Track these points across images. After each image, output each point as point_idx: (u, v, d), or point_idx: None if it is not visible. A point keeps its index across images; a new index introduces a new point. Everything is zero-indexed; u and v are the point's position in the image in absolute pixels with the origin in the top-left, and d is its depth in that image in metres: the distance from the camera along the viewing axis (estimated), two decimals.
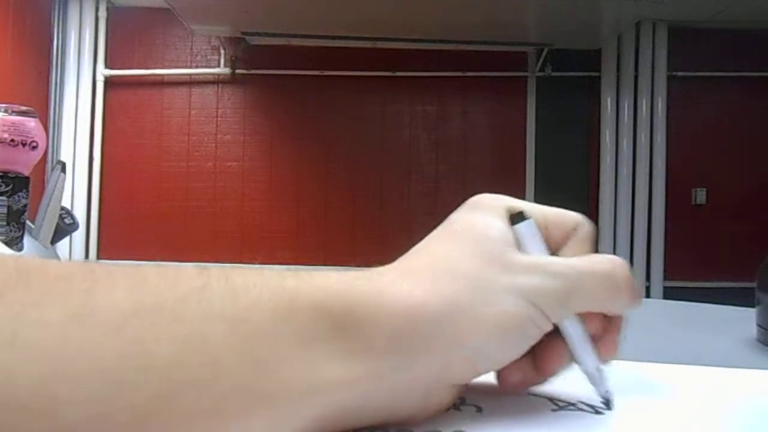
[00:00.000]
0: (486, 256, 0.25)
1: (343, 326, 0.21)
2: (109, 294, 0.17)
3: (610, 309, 0.27)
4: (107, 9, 3.55)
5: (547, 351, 0.26)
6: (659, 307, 0.69)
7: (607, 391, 0.27)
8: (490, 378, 0.29)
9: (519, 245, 0.26)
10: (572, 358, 0.27)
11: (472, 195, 0.29)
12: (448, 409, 0.25)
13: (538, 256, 0.26)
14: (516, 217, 0.26)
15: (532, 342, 0.25)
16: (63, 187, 0.61)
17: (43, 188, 0.61)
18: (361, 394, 0.21)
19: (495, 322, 0.24)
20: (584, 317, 0.26)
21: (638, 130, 3.52)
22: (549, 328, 0.25)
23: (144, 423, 0.16)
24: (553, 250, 0.27)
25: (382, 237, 3.53)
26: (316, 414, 0.20)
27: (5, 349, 0.15)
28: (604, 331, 0.27)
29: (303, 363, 0.20)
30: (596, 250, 0.28)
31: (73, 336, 0.16)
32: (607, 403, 0.26)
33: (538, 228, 0.27)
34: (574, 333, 0.26)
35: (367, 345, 0.21)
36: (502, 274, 0.25)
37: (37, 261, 0.18)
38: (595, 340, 0.27)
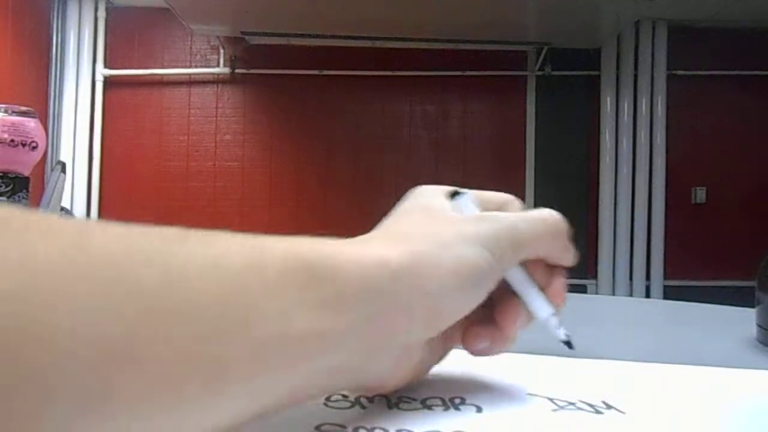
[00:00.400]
0: (436, 218, 0.28)
1: (314, 277, 0.21)
2: (98, 237, 0.17)
3: (554, 253, 0.29)
4: (106, 9, 3.55)
5: (504, 309, 0.28)
6: (659, 307, 0.69)
7: (566, 334, 0.28)
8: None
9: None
10: (529, 313, 0.28)
11: None
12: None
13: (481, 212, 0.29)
14: (454, 195, 0.29)
15: (489, 288, 0.27)
16: (63, 187, 0.61)
17: (43, 188, 0.61)
18: (333, 349, 0.21)
19: (452, 267, 0.25)
20: (529, 267, 0.28)
21: (638, 130, 3.52)
22: (501, 274, 0.27)
23: (131, 340, 0.16)
24: None
25: None
26: (281, 367, 0.20)
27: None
28: (550, 279, 0.29)
29: (274, 312, 0.19)
30: None
31: (65, 268, 0.15)
32: (569, 344, 0.28)
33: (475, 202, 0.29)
34: (522, 281, 0.28)
35: (338, 295, 0.21)
36: (453, 227, 0.27)
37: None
38: (543, 289, 0.28)
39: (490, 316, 0.28)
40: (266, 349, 0.19)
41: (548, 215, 0.29)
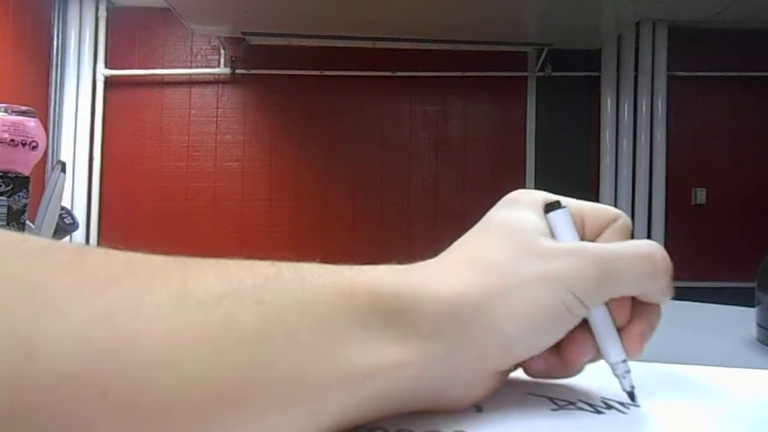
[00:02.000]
0: (520, 245, 0.26)
1: (395, 312, 0.23)
2: (201, 280, 0.20)
3: (648, 292, 0.27)
4: (107, 9, 3.55)
5: (572, 341, 0.26)
6: None
7: (631, 386, 0.26)
8: None
9: (553, 234, 0.26)
10: (598, 350, 0.26)
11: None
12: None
13: (572, 242, 0.26)
14: (551, 206, 0.27)
15: (569, 327, 0.25)
16: (63, 187, 0.61)
17: (43, 188, 0.62)
18: (409, 377, 0.23)
19: (529, 309, 0.24)
20: (612, 306, 0.26)
21: (638, 130, 3.52)
22: (584, 314, 0.25)
23: (242, 386, 0.19)
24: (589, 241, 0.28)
25: (382, 237, 3.53)
26: (371, 394, 0.22)
27: (131, 319, 0.18)
28: (632, 321, 0.27)
29: (362, 344, 0.22)
30: None
31: (179, 313, 0.19)
32: (632, 396, 0.26)
33: (572, 218, 0.27)
34: (599, 321, 0.26)
35: (416, 330, 0.23)
36: (536, 261, 0.25)
37: (139, 254, 0.21)
38: (621, 329, 0.27)
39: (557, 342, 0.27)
40: (355, 378, 0.21)
41: (649, 252, 0.26)
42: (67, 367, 0.16)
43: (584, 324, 0.26)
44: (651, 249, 0.26)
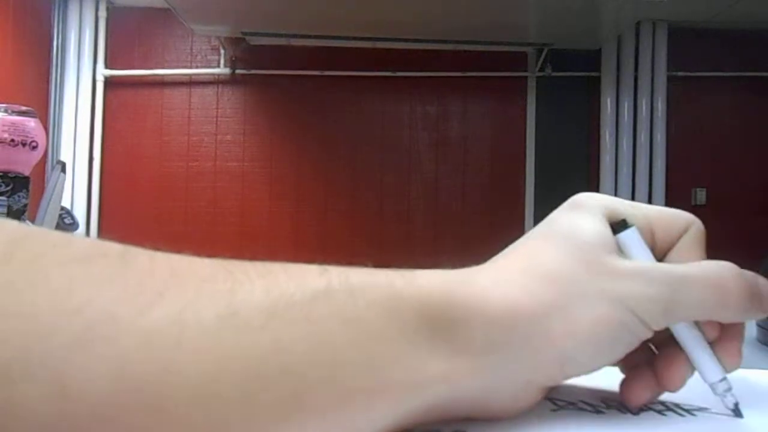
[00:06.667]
0: (584, 259, 0.24)
1: (444, 327, 0.22)
2: (249, 295, 0.19)
3: (719, 318, 0.25)
4: (107, 9, 3.55)
5: (667, 361, 0.25)
6: None
7: (735, 403, 0.25)
8: None
9: (621, 252, 0.25)
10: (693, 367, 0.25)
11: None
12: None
13: (640, 262, 0.25)
14: (618, 226, 0.25)
15: (629, 349, 0.24)
16: (63, 187, 0.61)
17: (43, 188, 0.62)
18: (455, 390, 0.23)
19: (587, 327, 0.23)
20: (701, 323, 0.25)
21: (638, 131, 3.52)
22: (647, 335, 0.24)
23: (283, 421, 0.18)
24: (660, 254, 0.26)
25: (382, 237, 3.53)
26: (415, 407, 0.22)
27: (173, 348, 0.17)
28: (723, 337, 0.25)
29: (410, 360, 0.21)
30: (706, 254, 0.27)
31: (224, 337, 0.18)
32: (737, 412, 0.25)
33: (642, 234, 0.26)
34: (689, 339, 0.25)
35: (466, 344, 0.22)
36: (598, 278, 0.24)
37: (185, 260, 0.20)
38: (714, 344, 0.25)
39: (649, 361, 0.26)
40: (398, 395, 0.21)
41: (718, 276, 0.25)
42: (102, 404, 0.16)
43: (676, 343, 0.25)
44: (720, 273, 0.25)
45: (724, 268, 0.25)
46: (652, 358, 0.26)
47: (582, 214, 0.26)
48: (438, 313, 0.22)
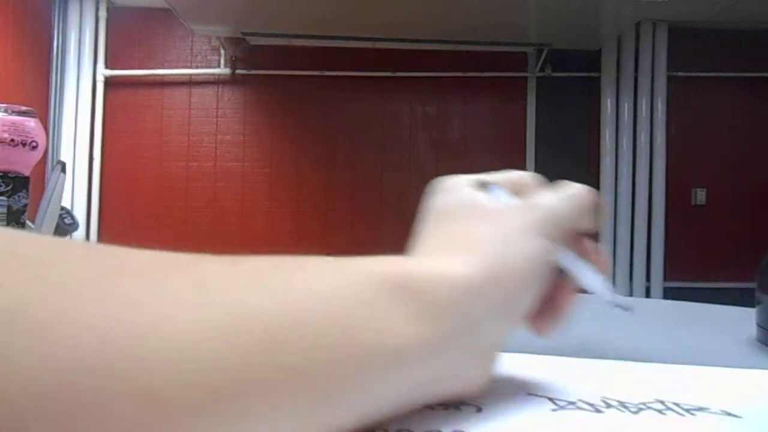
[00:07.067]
0: (485, 214, 0.28)
1: (411, 295, 0.23)
2: (221, 267, 0.21)
3: (587, 225, 0.29)
4: (107, 9, 3.55)
5: (558, 288, 0.29)
6: (659, 307, 0.69)
7: (624, 300, 0.28)
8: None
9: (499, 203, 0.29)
10: (580, 285, 0.28)
11: None
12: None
13: (522, 199, 0.29)
14: (485, 186, 0.29)
15: (552, 273, 0.28)
16: (63, 187, 0.61)
17: (43, 188, 0.62)
18: (429, 359, 0.23)
19: (522, 265, 0.26)
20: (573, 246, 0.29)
21: (638, 130, 3.52)
22: (557, 257, 0.28)
23: (263, 372, 0.19)
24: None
25: (382, 237, 3.53)
26: (396, 380, 0.22)
27: (154, 305, 0.18)
28: (583, 246, 0.29)
29: (384, 324, 0.22)
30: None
31: (199, 299, 0.19)
32: (629, 310, 0.28)
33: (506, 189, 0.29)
34: (571, 259, 0.28)
35: (432, 310, 0.24)
36: (507, 222, 0.27)
37: (162, 252, 0.21)
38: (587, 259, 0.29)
39: (547, 301, 0.29)
40: (371, 360, 0.21)
41: (578, 191, 0.29)
42: (87, 359, 0.16)
43: (561, 275, 0.28)
44: (575, 188, 0.30)
45: (576, 186, 0.30)
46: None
47: (454, 191, 0.30)
48: (405, 282, 0.24)
